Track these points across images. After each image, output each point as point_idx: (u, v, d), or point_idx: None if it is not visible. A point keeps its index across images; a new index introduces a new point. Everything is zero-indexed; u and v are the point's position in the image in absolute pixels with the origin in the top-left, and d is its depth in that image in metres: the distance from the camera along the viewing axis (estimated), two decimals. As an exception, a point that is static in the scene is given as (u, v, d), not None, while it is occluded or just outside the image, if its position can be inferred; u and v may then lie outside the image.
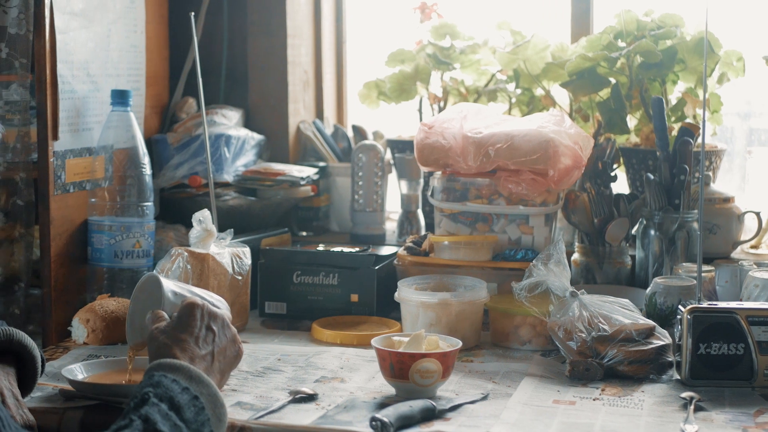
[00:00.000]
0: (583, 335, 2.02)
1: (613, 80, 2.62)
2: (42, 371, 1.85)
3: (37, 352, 1.81)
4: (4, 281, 2.39)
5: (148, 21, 2.72)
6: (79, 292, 2.42)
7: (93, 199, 2.43)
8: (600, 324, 2.02)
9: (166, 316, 1.81)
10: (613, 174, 2.54)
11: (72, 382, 1.88)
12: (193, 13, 2.49)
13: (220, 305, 1.93)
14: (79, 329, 2.25)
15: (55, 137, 2.34)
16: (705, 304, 1.96)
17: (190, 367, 1.62)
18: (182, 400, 1.55)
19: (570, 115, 2.71)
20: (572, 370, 1.99)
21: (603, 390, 1.92)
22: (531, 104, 2.82)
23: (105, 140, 2.45)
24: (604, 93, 2.64)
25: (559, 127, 2.37)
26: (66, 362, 2.08)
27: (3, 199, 2.36)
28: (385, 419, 1.69)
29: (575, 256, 2.55)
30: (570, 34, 2.94)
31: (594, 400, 1.86)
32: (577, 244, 2.56)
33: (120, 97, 2.44)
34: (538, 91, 2.80)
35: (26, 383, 1.80)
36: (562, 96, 2.76)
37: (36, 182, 2.35)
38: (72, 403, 1.85)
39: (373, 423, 1.70)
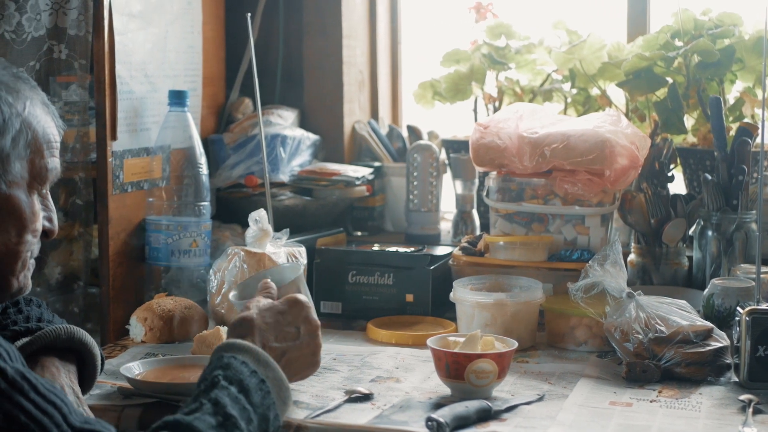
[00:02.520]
0: (640, 336, 2.01)
1: (670, 80, 2.60)
2: (101, 369, 1.87)
3: (97, 351, 1.83)
4: (64, 280, 2.42)
5: (204, 22, 2.74)
6: (137, 290, 2.45)
7: (150, 199, 2.46)
8: (657, 325, 2.01)
9: (274, 288, 1.82)
10: (670, 174, 2.52)
11: (130, 380, 1.89)
12: (249, 14, 2.50)
13: None
14: (136, 327, 2.27)
15: (114, 137, 2.36)
16: (764, 306, 1.94)
17: (258, 350, 1.63)
18: (251, 384, 1.57)
19: (626, 115, 2.69)
20: (629, 371, 1.97)
21: (660, 392, 1.91)
22: (587, 104, 2.81)
23: (162, 140, 2.47)
24: (661, 93, 2.62)
25: (616, 127, 2.35)
26: (124, 360, 2.10)
27: (62, 199, 2.39)
28: (441, 419, 1.69)
29: (631, 256, 2.53)
30: (626, 34, 2.92)
31: (651, 402, 1.85)
32: (633, 244, 2.55)
33: (177, 98, 2.47)
34: (594, 91, 2.79)
35: (86, 381, 1.82)
36: (618, 96, 2.74)
37: (95, 182, 2.38)
38: (130, 401, 1.86)
39: (429, 423, 1.70)
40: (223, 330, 2.12)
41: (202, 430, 1.45)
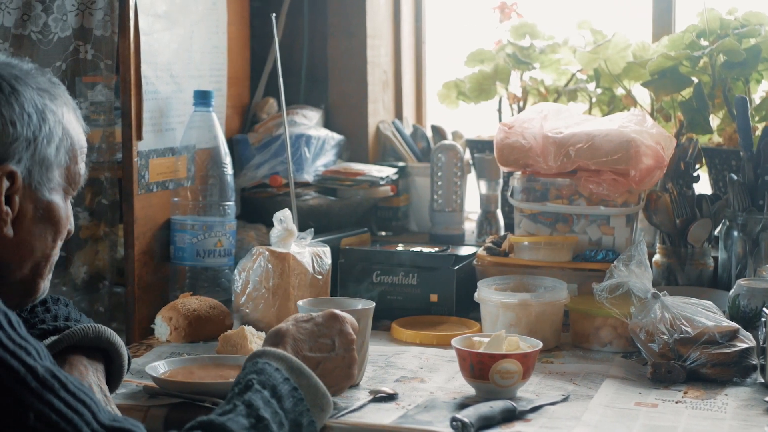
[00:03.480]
0: (665, 337, 2.00)
1: (695, 79, 2.59)
2: (128, 369, 1.87)
3: (124, 350, 1.84)
4: (89, 279, 2.43)
5: (229, 22, 2.75)
6: (162, 290, 2.46)
7: (176, 199, 2.46)
8: (682, 326, 2.00)
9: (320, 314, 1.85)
10: (695, 174, 2.51)
11: (155, 379, 1.90)
12: (274, 14, 2.51)
13: None
14: (161, 327, 2.28)
15: (139, 137, 2.37)
16: (790, 307, 1.94)
17: (292, 358, 1.65)
18: (283, 390, 1.59)
19: (651, 115, 2.69)
20: (654, 372, 1.97)
21: (685, 393, 1.90)
22: (612, 104, 2.80)
23: (187, 140, 2.48)
24: (687, 92, 2.61)
25: (641, 127, 2.35)
26: (149, 359, 2.11)
27: (88, 199, 2.40)
28: (466, 419, 1.69)
29: (656, 257, 2.52)
30: (651, 33, 2.91)
31: (676, 402, 1.84)
32: (658, 245, 2.54)
33: (202, 98, 2.47)
34: (619, 91, 2.78)
35: (113, 380, 1.83)
36: (643, 95, 2.74)
37: (120, 182, 2.39)
38: (156, 401, 1.87)
39: (454, 423, 1.70)
40: (248, 329, 2.13)
41: (235, 430, 1.48)
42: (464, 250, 2.54)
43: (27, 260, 1.55)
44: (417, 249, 2.52)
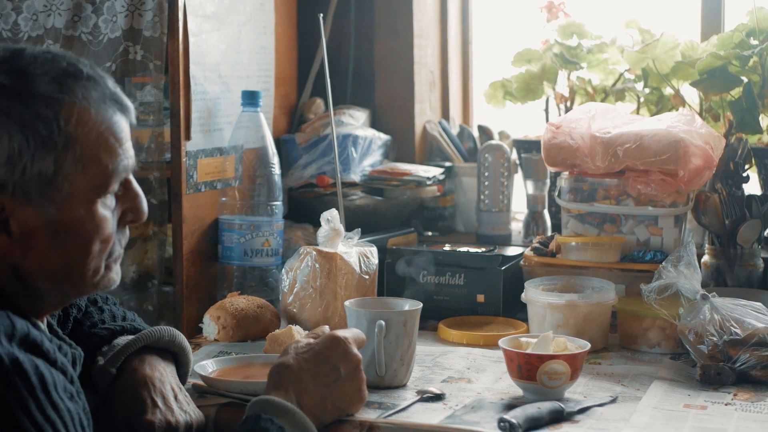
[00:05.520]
0: (715, 339, 1.99)
1: (745, 79, 2.57)
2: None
3: (191, 356, 1.86)
4: (138, 278, 2.45)
5: (277, 23, 2.76)
6: (210, 289, 2.47)
7: (224, 198, 2.48)
8: (732, 327, 1.98)
9: (325, 330, 1.82)
10: (744, 174, 2.49)
11: (204, 377, 1.91)
12: (321, 15, 2.51)
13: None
14: (210, 326, 2.29)
15: (188, 137, 2.38)
16: (842, 309, 1.92)
17: (296, 412, 1.63)
18: None
19: (700, 115, 2.67)
20: (703, 374, 1.96)
21: (735, 395, 1.89)
22: (660, 104, 2.78)
23: (235, 140, 2.49)
24: (736, 92, 2.59)
25: (690, 127, 2.33)
26: (198, 358, 2.11)
27: (137, 198, 2.41)
28: (514, 420, 1.69)
29: (705, 258, 2.50)
30: (700, 32, 2.89)
31: (726, 405, 1.83)
32: (707, 246, 2.52)
33: (250, 98, 2.48)
34: (668, 91, 2.76)
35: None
36: (691, 95, 2.72)
37: (169, 181, 2.40)
38: (204, 400, 1.87)
39: (501, 424, 1.70)
40: (296, 329, 2.14)
41: None
42: (511, 251, 2.54)
43: (53, 273, 1.46)
44: (464, 249, 2.52)
